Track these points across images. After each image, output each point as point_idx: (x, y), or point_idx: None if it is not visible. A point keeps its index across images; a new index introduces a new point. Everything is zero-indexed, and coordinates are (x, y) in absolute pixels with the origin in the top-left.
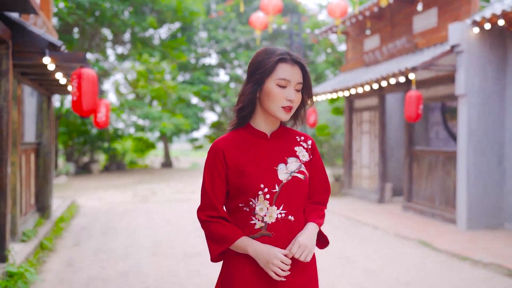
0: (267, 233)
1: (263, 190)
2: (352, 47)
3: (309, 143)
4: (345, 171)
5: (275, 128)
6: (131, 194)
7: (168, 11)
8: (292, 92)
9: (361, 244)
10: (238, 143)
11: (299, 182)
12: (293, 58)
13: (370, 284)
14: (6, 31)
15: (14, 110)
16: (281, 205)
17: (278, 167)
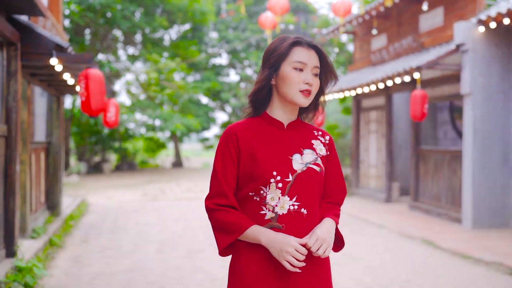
0: (277, 224)
1: (275, 178)
2: (359, 47)
3: (326, 138)
4: (353, 170)
5: (292, 118)
6: (141, 193)
7: (178, 12)
8: (310, 75)
9: (364, 242)
10: (253, 129)
11: (314, 174)
12: (307, 42)
13: (370, 280)
14: (14, 33)
15: (24, 110)
16: (294, 196)
17: (293, 157)
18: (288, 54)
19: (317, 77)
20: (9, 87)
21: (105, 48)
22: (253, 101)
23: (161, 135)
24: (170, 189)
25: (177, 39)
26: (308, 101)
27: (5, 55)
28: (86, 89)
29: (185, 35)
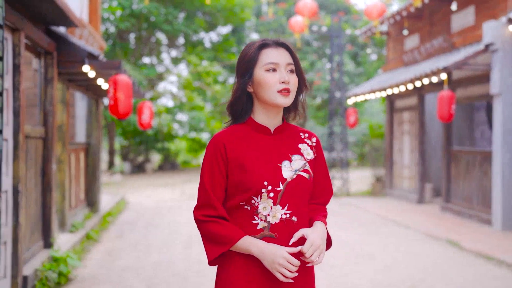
0: (270, 234)
1: (266, 188)
2: (392, 47)
3: (313, 140)
4: (386, 171)
5: (278, 123)
6: (179, 192)
7: (218, 13)
8: (284, 73)
9: (386, 242)
10: (240, 136)
11: (304, 181)
12: (275, 41)
13: (384, 279)
14: (51, 44)
15: (64, 113)
16: (285, 204)
17: (282, 164)
18: (258, 58)
19: (294, 73)
20: (46, 92)
21: (148, 52)
22: (232, 113)
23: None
24: None
25: (218, 41)
26: (290, 100)
27: (43, 64)
28: (114, 93)
29: (227, 37)
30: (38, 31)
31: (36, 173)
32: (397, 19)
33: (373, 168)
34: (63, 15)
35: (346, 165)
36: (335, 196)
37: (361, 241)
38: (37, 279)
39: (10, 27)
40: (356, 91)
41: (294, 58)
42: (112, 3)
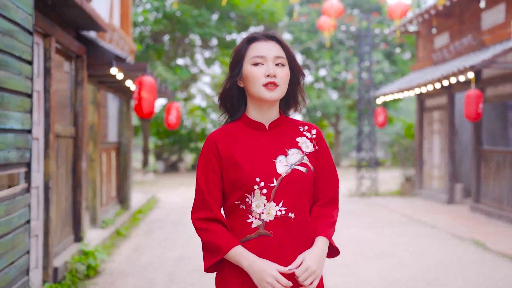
0: (265, 232)
1: (259, 184)
2: (422, 46)
3: (313, 132)
4: (416, 171)
5: (273, 117)
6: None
7: (248, 15)
8: (271, 67)
9: (406, 241)
10: (234, 134)
11: (300, 175)
12: (264, 35)
13: (398, 276)
14: (81, 47)
15: (95, 114)
16: (280, 201)
17: (277, 159)
18: (246, 52)
19: (285, 66)
20: (77, 94)
21: (182, 53)
22: (225, 106)
23: None
24: None
25: None
26: (276, 94)
27: (73, 66)
28: (139, 93)
29: None
30: (68, 36)
31: (67, 170)
32: (426, 17)
33: (403, 168)
34: (92, 21)
35: (374, 165)
36: (362, 196)
37: (379, 240)
38: (67, 270)
39: (41, 33)
40: (385, 91)
41: (286, 51)
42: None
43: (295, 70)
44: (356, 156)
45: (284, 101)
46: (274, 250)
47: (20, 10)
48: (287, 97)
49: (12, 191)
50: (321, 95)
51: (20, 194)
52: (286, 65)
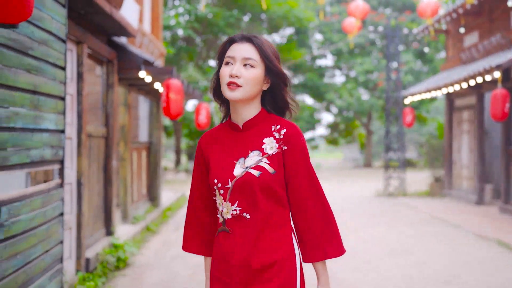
0: (225, 228)
1: (217, 185)
2: (452, 45)
3: (282, 132)
4: (445, 171)
5: (247, 117)
6: None
7: (278, 18)
8: (237, 67)
9: (429, 240)
10: (216, 135)
11: (251, 179)
12: (242, 36)
13: (417, 273)
14: (112, 53)
15: (125, 115)
16: (235, 201)
17: (238, 161)
18: (225, 53)
19: (254, 68)
20: (108, 96)
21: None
22: (219, 102)
23: None
24: None
25: (281, 43)
26: (237, 94)
27: (105, 70)
28: (167, 96)
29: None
30: (100, 42)
31: (99, 168)
32: (454, 16)
33: (432, 168)
34: (121, 28)
35: (403, 165)
36: (389, 196)
37: (403, 238)
38: (98, 262)
39: (74, 40)
40: (413, 91)
41: (262, 53)
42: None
43: (274, 72)
44: (384, 156)
45: (271, 104)
46: (234, 246)
47: (54, 20)
48: (273, 100)
49: (47, 185)
50: (353, 95)
51: (54, 189)
52: (256, 67)
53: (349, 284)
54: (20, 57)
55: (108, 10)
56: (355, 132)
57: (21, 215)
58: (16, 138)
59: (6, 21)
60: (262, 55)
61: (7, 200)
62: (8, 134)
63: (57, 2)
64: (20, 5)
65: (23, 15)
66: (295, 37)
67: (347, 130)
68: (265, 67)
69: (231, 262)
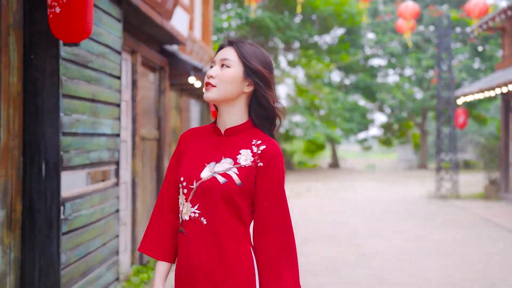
0: (181, 229)
1: (182, 183)
2: (508, 43)
3: (261, 148)
4: (501, 173)
5: (229, 123)
6: (287, 190)
7: (329, 17)
8: (213, 68)
9: (477, 242)
10: (199, 134)
11: (215, 184)
12: (227, 41)
13: (461, 275)
14: (163, 60)
15: (177, 118)
16: (196, 204)
17: (209, 164)
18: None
19: (229, 68)
20: (160, 101)
21: None
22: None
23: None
24: (316, 187)
25: (333, 43)
26: (211, 94)
27: (157, 77)
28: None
29: (342, 39)
30: (152, 51)
31: (151, 169)
32: (509, 14)
33: (487, 170)
34: (172, 37)
35: (455, 167)
36: (441, 198)
37: (450, 240)
38: None
39: (128, 50)
40: (465, 91)
41: (240, 54)
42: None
43: (253, 72)
44: (436, 158)
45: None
46: (186, 248)
47: (111, 35)
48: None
49: (104, 184)
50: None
51: (111, 187)
52: (232, 67)
53: (392, 283)
54: (81, 70)
55: (159, 21)
56: (409, 133)
57: (82, 210)
58: (78, 142)
59: (70, 41)
60: (240, 56)
61: (70, 197)
62: (71, 138)
63: (113, 17)
64: (81, 26)
65: (84, 35)
66: (347, 38)
67: (401, 130)
68: (243, 68)
69: (183, 264)
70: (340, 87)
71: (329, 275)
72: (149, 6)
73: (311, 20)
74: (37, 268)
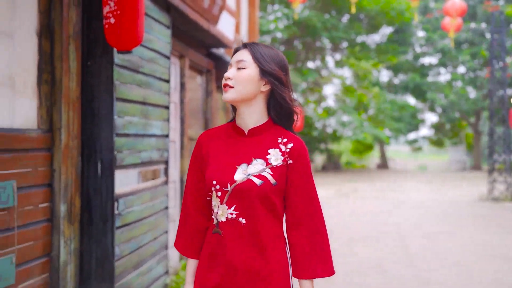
0: (217, 230)
1: (215, 186)
2: None
3: (289, 146)
4: None
5: (250, 122)
6: (334, 190)
7: (376, 16)
8: (230, 70)
9: None
10: (218, 135)
11: (252, 186)
12: (242, 44)
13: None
14: (210, 63)
15: (224, 118)
16: (232, 205)
17: (240, 166)
18: None
19: (245, 69)
20: (207, 103)
21: (313, 56)
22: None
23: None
24: (363, 188)
25: (381, 42)
26: (229, 95)
27: (204, 79)
28: None
29: (390, 38)
30: (200, 54)
31: None
32: None
33: None
34: (219, 41)
35: (509, 169)
36: (493, 200)
37: (501, 243)
38: None
39: (177, 55)
40: None
41: (254, 55)
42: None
43: (268, 72)
44: (488, 159)
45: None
46: (224, 248)
47: (160, 41)
48: (275, 103)
49: (154, 182)
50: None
51: (160, 186)
52: (248, 67)
53: (438, 284)
54: (132, 75)
55: (206, 26)
56: (461, 133)
57: (134, 206)
58: (130, 142)
59: (123, 48)
60: (254, 57)
61: (123, 193)
62: (124, 139)
63: (162, 24)
64: (134, 35)
65: (136, 43)
66: (396, 37)
67: (453, 130)
68: (259, 68)
69: (220, 264)
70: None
71: (376, 275)
72: (197, 12)
73: (359, 19)
74: (93, 258)
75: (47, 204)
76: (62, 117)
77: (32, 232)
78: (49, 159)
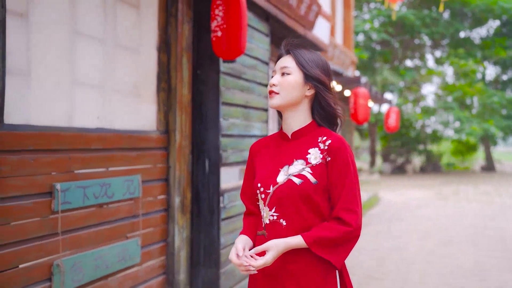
0: (263, 232)
1: (259, 189)
2: None
3: (327, 143)
4: None
5: (295, 126)
6: (433, 193)
7: (481, 12)
8: (275, 77)
9: None
10: (267, 143)
11: (291, 186)
12: (285, 50)
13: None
14: None
15: None
16: (273, 207)
17: (282, 168)
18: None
19: (290, 75)
20: None
21: (411, 54)
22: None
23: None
24: (465, 191)
25: (487, 37)
26: (275, 101)
27: None
28: (354, 103)
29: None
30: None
31: None
32: None
33: None
34: (314, 45)
35: None
36: None
37: None
38: None
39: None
40: None
41: (298, 60)
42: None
43: (313, 77)
44: None
45: (319, 113)
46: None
47: (260, 48)
48: (319, 107)
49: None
50: None
51: None
52: (292, 73)
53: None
54: (235, 81)
55: (302, 32)
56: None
57: (236, 201)
58: (233, 142)
59: (228, 58)
60: (298, 62)
61: (227, 189)
62: (228, 139)
63: (262, 33)
64: (238, 47)
65: (239, 53)
66: (504, 31)
67: None
68: (303, 73)
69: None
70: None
71: (474, 278)
72: (293, 19)
73: (462, 14)
74: (202, 246)
75: (164, 196)
76: (176, 120)
77: (153, 220)
78: (165, 157)
